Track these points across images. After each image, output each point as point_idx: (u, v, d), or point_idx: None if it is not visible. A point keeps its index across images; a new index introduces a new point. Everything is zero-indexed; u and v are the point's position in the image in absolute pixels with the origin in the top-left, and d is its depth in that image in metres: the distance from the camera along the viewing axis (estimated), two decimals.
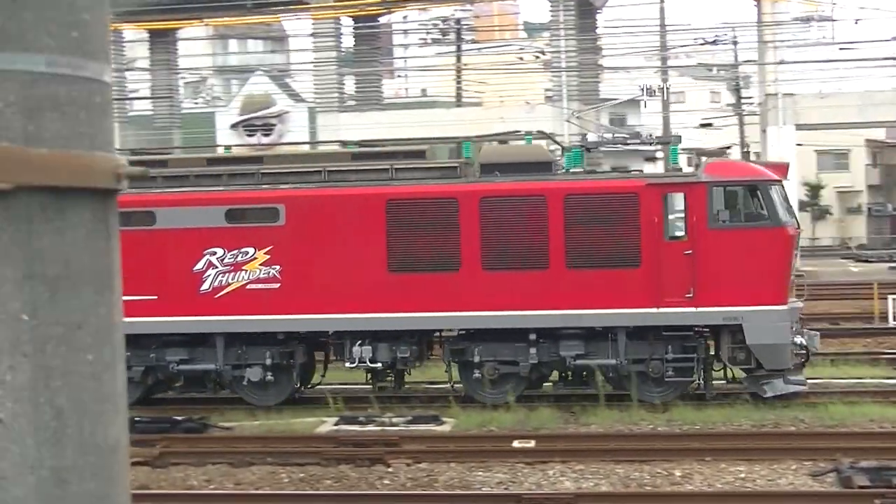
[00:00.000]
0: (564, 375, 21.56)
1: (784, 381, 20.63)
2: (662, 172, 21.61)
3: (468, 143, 22.56)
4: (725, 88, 78.64)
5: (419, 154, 22.25)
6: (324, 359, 22.69)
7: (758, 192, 20.56)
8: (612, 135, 24.53)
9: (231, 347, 21.68)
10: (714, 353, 21.15)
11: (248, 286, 21.30)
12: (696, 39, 59.31)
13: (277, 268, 21.22)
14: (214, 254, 21.40)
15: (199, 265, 21.46)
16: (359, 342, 21.27)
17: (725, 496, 14.94)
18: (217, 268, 21.40)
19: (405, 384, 22.55)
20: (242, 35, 62.69)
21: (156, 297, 21.32)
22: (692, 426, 19.27)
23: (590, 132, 24.51)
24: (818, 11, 58.96)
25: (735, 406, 20.37)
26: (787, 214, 20.84)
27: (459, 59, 58.65)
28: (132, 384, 21.53)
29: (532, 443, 18.14)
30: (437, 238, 20.88)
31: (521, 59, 59.40)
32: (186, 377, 22.30)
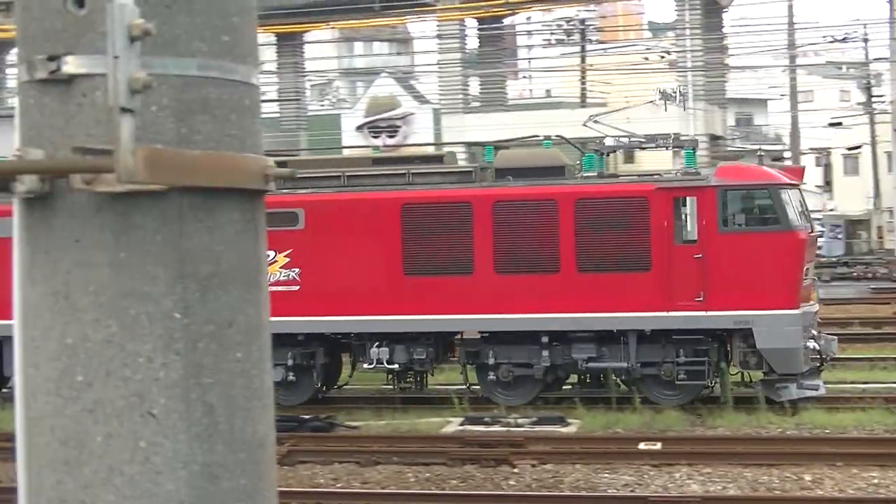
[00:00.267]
0: (582, 378, 21.81)
1: (797, 386, 20.51)
2: (673, 176, 21.51)
3: (490, 148, 22.94)
4: (856, 87, 77.19)
5: (437, 159, 22.72)
6: (351, 360, 22.92)
7: (768, 196, 20.49)
8: (629, 138, 24.39)
9: None
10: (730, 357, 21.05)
11: (269, 288, 21.32)
12: (826, 37, 58.35)
13: (297, 270, 21.66)
14: None
15: None
16: (376, 344, 21.58)
17: (858, 502, 14.67)
18: None
19: (427, 385, 22.81)
20: (368, 38, 63.17)
21: None
22: (822, 430, 18.96)
23: (608, 136, 24.26)
24: None
25: (867, 410, 20.00)
26: (800, 218, 20.72)
27: (584, 60, 58.42)
28: None
29: (658, 445, 17.98)
30: (451, 242, 21.18)
31: (646, 59, 58.99)
32: None
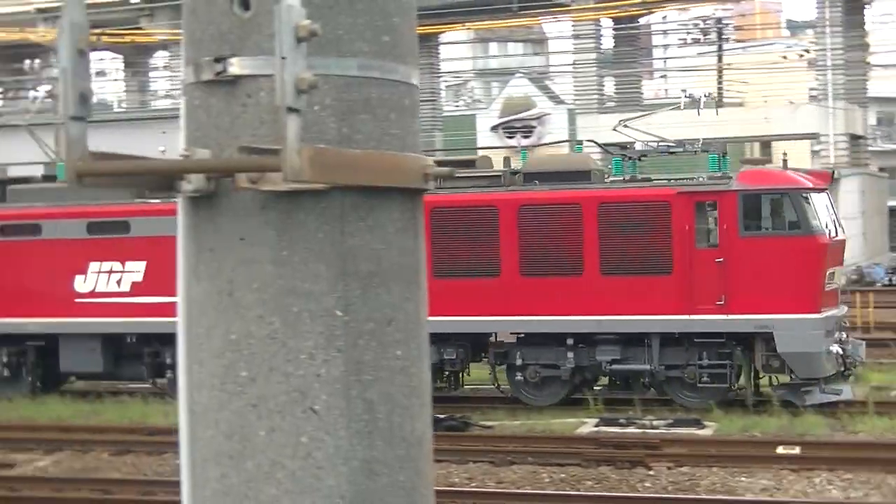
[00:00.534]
0: (613, 379, 22.01)
1: (820, 390, 20.49)
2: (695, 180, 21.45)
3: (525, 152, 23.23)
4: None
5: (469, 163, 23.12)
6: None
7: (789, 201, 20.46)
8: (658, 143, 24.30)
9: None
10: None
11: None
12: None
13: None
14: None
15: None
16: None
17: None
18: None
19: (463, 385, 23.17)
20: (503, 38, 63.23)
21: None
22: None
23: (637, 140, 24.29)
24: None
25: None
26: (823, 223, 20.62)
27: (720, 59, 57.74)
28: None
29: (797, 449, 17.68)
30: (479, 244, 21.66)
31: (785, 58, 58.05)
32: None
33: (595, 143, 25.71)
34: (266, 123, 2.63)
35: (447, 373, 22.55)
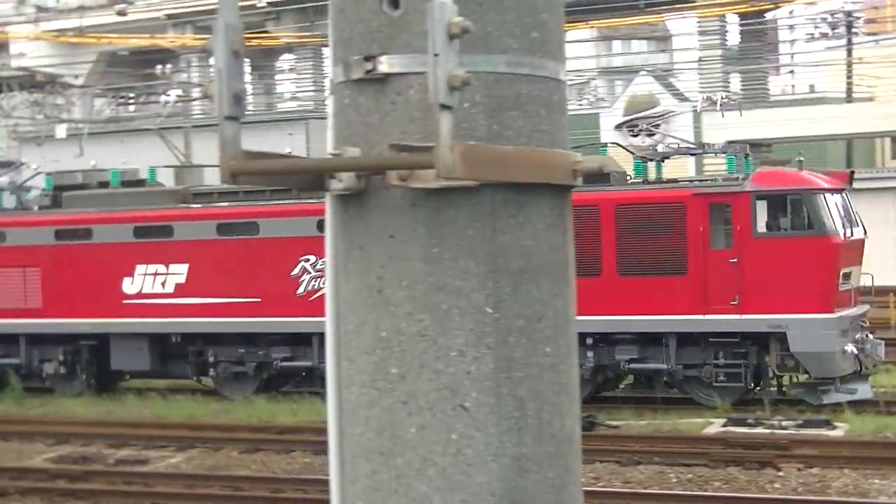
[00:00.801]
0: (637, 378, 22.62)
1: (835, 389, 20.74)
2: (710, 182, 21.50)
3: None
4: None
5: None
6: None
7: (802, 201, 20.74)
8: (678, 144, 24.33)
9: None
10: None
11: None
12: None
13: None
14: (308, 260, 23.44)
15: (296, 271, 23.57)
16: None
17: None
18: (311, 273, 23.46)
19: None
20: (627, 36, 62.91)
21: (259, 300, 23.70)
22: None
23: (660, 143, 24.47)
24: None
25: None
26: (838, 223, 20.81)
27: (850, 53, 56.67)
28: (249, 379, 24.37)
29: None
30: None
31: None
32: (288, 373, 24.58)
33: (619, 146, 26.43)
34: (415, 121, 2.64)
35: None
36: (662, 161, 23.12)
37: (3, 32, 59.34)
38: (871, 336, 21.63)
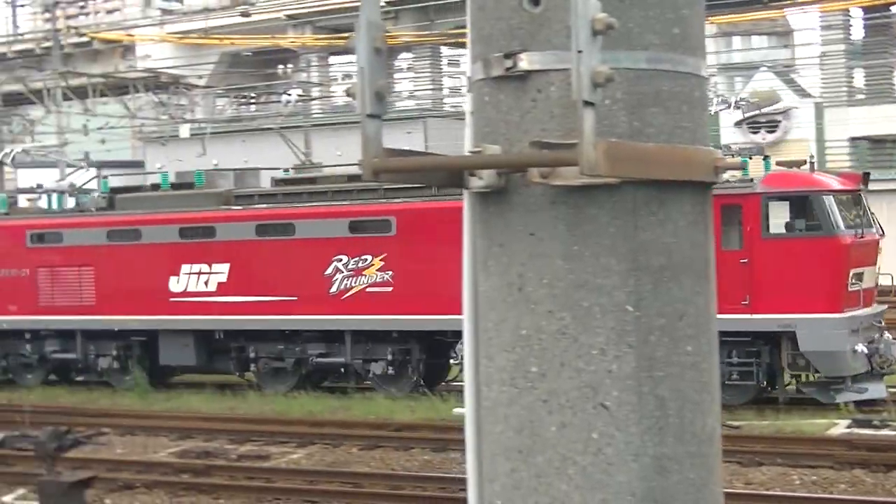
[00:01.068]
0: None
1: (846, 388, 20.91)
2: (721, 184, 21.03)
3: None
4: None
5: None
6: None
7: (811, 203, 20.91)
8: None
9: (358, 343, 24.45)
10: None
11: (368, 289, 24.15)
12: None
13: (390, 273, 23.88)
14: (340, 260, 24.25)
15: (329, 270, 24.33)
16: (460, 340, 22.75)
17: None
18: (342, 272, 24.28)
19: None
20: (747, 31, 62.18)
21: (295, 298, 24.58)
22: None
23: None
24: None
25: None
26: (848, 224, 20.90)
27: None
28: (288, 374, 25.23)
29: None
30: None
31: None
32: (325, 369, 25.44)
33: None
34: (556, 118, 2.63)
35: None
36: None
37: (130, 35, 60.54)
38: (889, 336, 21.77)
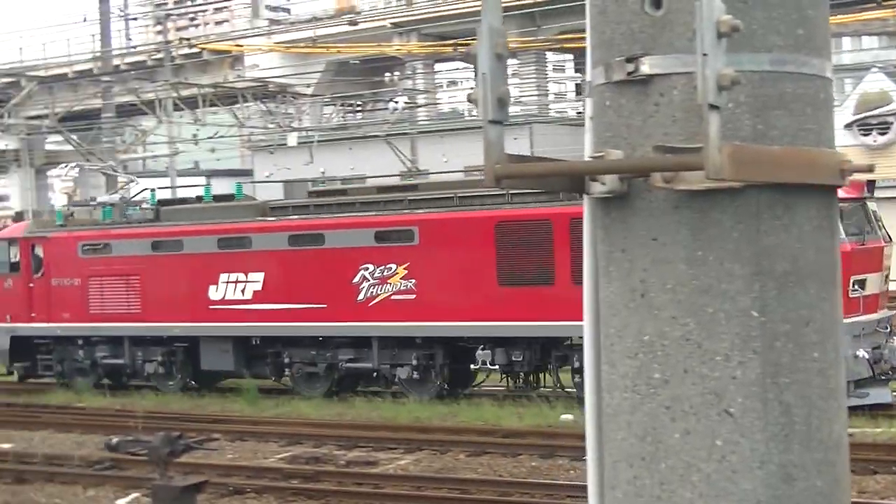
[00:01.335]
0: None
1: (849, 393, 20.29)
2: None
3: None
4: None
5: None
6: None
7: None
8: None
9: (385, 349, 25.26)
10: None
11: (392, 297, 24.88)
12: None
13: (413, 281, 24.55)
14: (367, 269, 25.07)
15: (356, 278, 25.18)
16: (481, 347, 24.19)
17: None
18: (369, 281, 25.08)
19: (544, 385, 24.94)
20: (856, 32, 61.29)
21: (325, 306, 25.52)
22: None
23: None
24: None
25: None
26: (849, 232, 20.81)
27: None
28: (320, 379, 26.18)
29: None
30: (535, 255, 23.44)
31: None
32: (355, 374, 26.40)
33: None
34: (678, 122, 2.61)
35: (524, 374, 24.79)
36: None
37: (239, 46, 61.31)
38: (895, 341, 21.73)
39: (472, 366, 25.02)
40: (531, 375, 24.85)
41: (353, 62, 59.09)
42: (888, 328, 21.88)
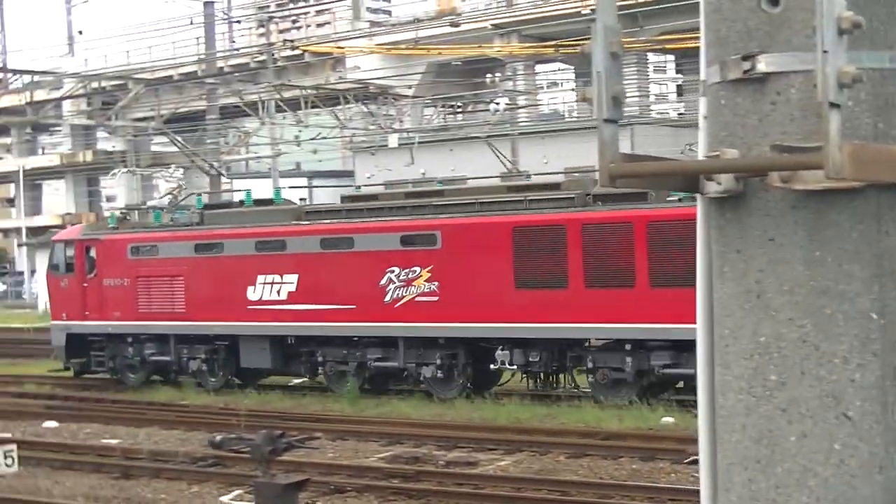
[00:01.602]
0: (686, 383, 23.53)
1: None
2: None
3: None
4: None
5: (554, 186, 25.89)
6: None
7: None
8: None
9: (410, 349, 26.08)
10: None
11: (417, 298, 25.67)
12: None
13: (436, 284, 25.37)
14: (393, 272, 25.91)
15: (383, 281, 26.01)
16: (500, 347, 24.90)
17: None
18: (395, 283, 25.91)
19: (564, 385, 25.80)
20: None
21: (354, 307, 26.39)
22: None
23: None
24: None
25: None
26: None
27: None
28: (352, 377, 27.04)
29: None
30: (550, 260, 24.11)
31: None
32: (384, 373, 27.23)
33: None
34: (796, 121, 2.57)
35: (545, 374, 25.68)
36: None
37: (340, 47, 61.76)
38: None
39: (492, 366, 25.67)
40: (550, 376, 25.74)
41: (455, 63, 59.24)
42: None
